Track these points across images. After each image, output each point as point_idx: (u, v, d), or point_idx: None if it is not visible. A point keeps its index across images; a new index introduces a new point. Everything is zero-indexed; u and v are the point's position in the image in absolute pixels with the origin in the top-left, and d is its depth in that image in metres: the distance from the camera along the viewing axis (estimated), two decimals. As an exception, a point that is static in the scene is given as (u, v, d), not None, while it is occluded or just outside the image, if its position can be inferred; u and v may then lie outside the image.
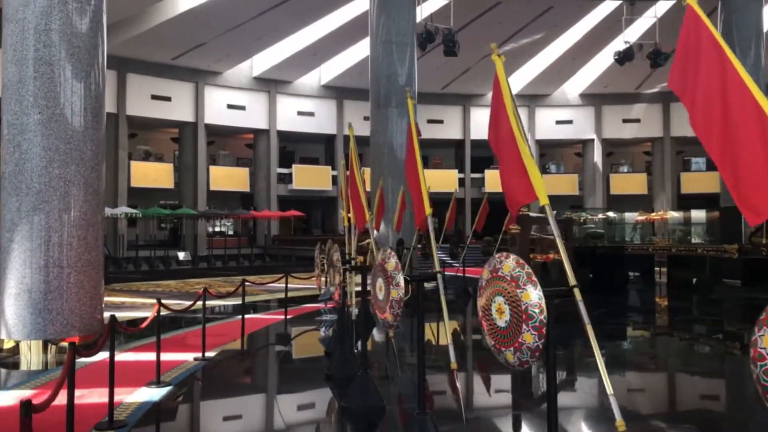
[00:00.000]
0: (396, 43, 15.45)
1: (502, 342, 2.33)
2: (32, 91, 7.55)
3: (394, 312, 2.95)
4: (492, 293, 2.41)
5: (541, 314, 2.19)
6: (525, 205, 2.64)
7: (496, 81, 2.86)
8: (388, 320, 2.99)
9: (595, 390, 5.82)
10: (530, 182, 2.55)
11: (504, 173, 2.76)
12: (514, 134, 2.67)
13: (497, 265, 2.41)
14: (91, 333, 7.94)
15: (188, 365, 6.82)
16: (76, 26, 7.82)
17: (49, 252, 7.53)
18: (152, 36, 23.39)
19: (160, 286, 17.65)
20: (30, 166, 7.51)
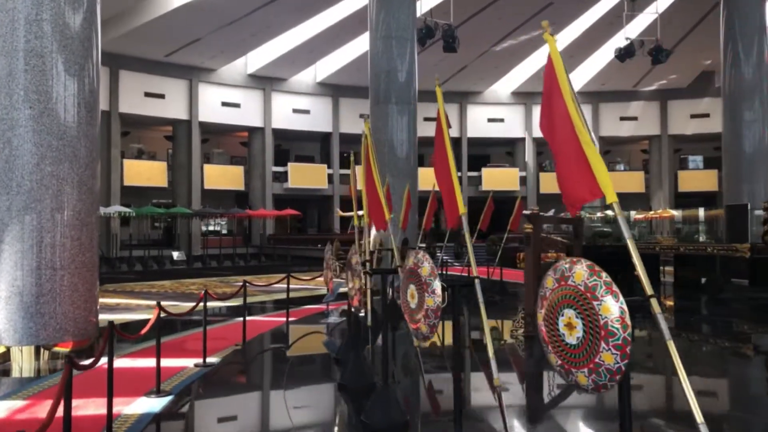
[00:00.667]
0: (396, 39, 15.13)
1: (573, 362, 2.02)
2: (23, 84, 7.19)
3: (430, 322, 2.65)
4: (559, 305, 2.11)
5: (625, 330, 1.88)
6: (582, 204, 2.34)
7: (550, 63, 2.55)
8: (423, 331, 2.69)
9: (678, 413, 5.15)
10: (594, 176, 2.24)
11: (561, 167, 2.45)
12: (572, 122, 2.37)
13: (566, 273, 2.10)
14: (85, 338, 7.61)
15: (189, 372, 6.48)
16: (68, 17, 7.47)
17: (42, 253, 7.19)
18: (145, 32, 22.96)
19: (155, 286, 17.28)
20: (21, 163, 7.16)
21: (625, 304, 1.93)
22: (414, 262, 2.82)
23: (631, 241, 2.15)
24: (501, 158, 34.21)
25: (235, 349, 7.70)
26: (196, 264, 24.23)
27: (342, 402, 4.98)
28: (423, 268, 2.71)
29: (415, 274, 2.76)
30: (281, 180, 31.02)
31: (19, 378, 6.78)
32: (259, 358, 7.81)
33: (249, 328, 8.45)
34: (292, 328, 9.53)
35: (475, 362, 6.72)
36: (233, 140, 32.83)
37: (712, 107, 32.09)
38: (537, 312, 2.26)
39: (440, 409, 5.08)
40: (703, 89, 31.95)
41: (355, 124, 31.90)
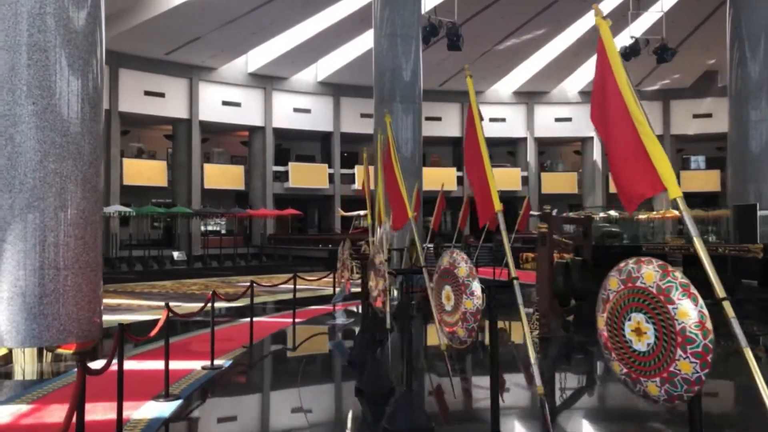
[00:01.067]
0: (401, 36, 14.96)
1: (642, 370, 1.86)
2: (26, 79, 7.01)
3: (469, 326, 2.49)
4: (625, 309, 1.95)
5: (706, 337, 1.71)
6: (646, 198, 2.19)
7: (602, 50, 2.39)
8: (459, 335, 2.53)
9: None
10: (655, 170, 2.07)
11: (616, 160, 2.28)
12: (629, 112, 2.20)
13: (633, 273, 1.93)
14: (89, 339, 7.44)
15: (196, 375, 6.32)
16: (72, 11, 7.29)
17: (45, 253, 7.02)
18: (145, 30, 22.76)
19: (156, 287, 17.10)
20: (23, 160, 6.98)
21: (705, 308, 1.77)
22: (449, 262, 2.66)
23: (699, 241, 1.99)
24: (502, 158, 34.05)
25: (243, 351, 7.53)
26: (196, 264, 24.04)
27: (360, 407, 4.79)
28: (460, 269, 2.55)
29: (452, 274, 2.60)
30: (282, 180, 30.83)
31: (21, 380, 6.61)
32: (268, 361, 7.64)
33: (255, 329, 8.29)
34: (299, 329, 9.36)
35: (512, 366, 6.48)
36: (233, 139, 32.63)
37: (714, 107, 31.97)
38: (597, 316, 2.10)
39: (469, 415, 4.90)
40: (706, 89, 31.83)
41: (356, 124, 31.75)
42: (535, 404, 4.80)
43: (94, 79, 7.54)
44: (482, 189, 2.93)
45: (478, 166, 3.03)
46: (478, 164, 3.02)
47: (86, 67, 7.41)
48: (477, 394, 5.42)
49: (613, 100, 2.40)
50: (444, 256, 2.75)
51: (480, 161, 2.97)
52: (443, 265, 2.71)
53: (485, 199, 2.94)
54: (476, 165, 3.05)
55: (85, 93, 7.39)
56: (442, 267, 2.70)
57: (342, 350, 7.29)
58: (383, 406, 4.36)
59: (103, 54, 7.84)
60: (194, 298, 13.93)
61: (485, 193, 2.93)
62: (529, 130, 33.43)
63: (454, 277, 2.60)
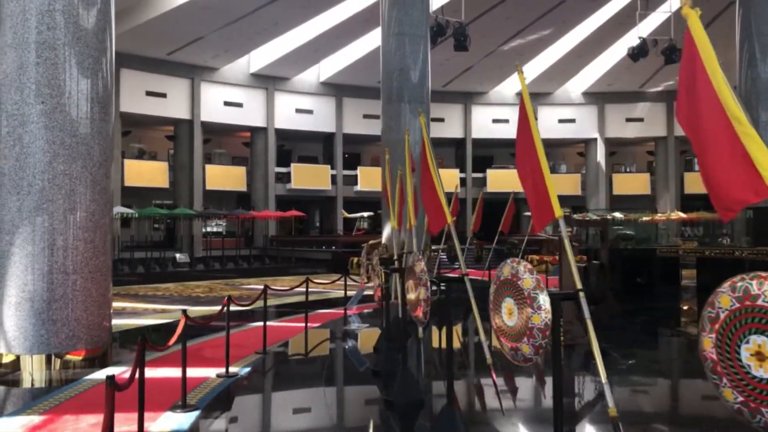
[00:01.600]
0: (409, 36, 14.76)
1: (765, 400, 1.66)
2: (34, 78, 6.82)
3: (536, 343, 2.29)
4: (741, 330, 1.76)
5: None
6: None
7: (691, 43, 2.19)
8: (525, 352, 2.33)
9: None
10: (758, 173, 1.87)
11: (711, 164, 2.08)
12: (725, 110, 2.01)
13: (753, 291, 1.72)
14: (98, 345, 7.24)
15: (212, 383, 6.11)
16: (82, 8, 7.09)
17: (53, 256, 6.82)
18: (147, 30, 22.53)
19: (159, 289, 16.89)
20: (32, 161, 6.79)
21: None
22: (511, 272, 2.46)
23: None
24: (506, 159, 33.87)
25: (257, 358, 7.32)
26: (198, 266, 23.81)
27: (391, 420, 4.56)
28: (525, 281, 2.36)
29: (515, 286, 2.41)
30: (284, 181, 30.61)
31: (30, 388, 6.41)
32: (285, 368, 7.42)
33: (268, 334, 8.05)
34: (314, 335, 9.13)
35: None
36: (235, 140, 32.41)
37: (719, 108, 31.84)
38: (700, 336, 1.90)
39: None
40: (710, 90, 31.66)
41: (358, 125, 31.56)
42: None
43: (104, 78, 7.34)
44: (542, 193, 2.78)
45: (532, 166, 2.85)
46: (534, 168, 2.83)
47: (96, 65, 7.21)
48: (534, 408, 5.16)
49: (705, 97, 2.16)
50: (504, 265, 2.56)
51: (535, 162, 2.79)
52: (504, 275, 2.51)
53: (541, 203, 2.78)
54: (531, 165, 2.87)
55: (95, 92, 7.19)
56: (501, 278, 2.50)
57: (357, 357, 7.08)
58: (414, 419, 4.14)
59: (113, 52, 7.64)
60: (200, 302, 13.73)
61: (545, 198, 2.77)
62: (532, 132, 33.24)
63: (517, 290, 2.40)
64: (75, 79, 7.01)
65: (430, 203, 3.82)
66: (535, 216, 2.87)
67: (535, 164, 2.78)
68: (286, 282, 18.84)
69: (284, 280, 19.80)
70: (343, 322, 10.05)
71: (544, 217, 2.79)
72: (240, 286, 17.51)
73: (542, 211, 2.80)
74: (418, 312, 3.43)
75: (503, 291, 2.54)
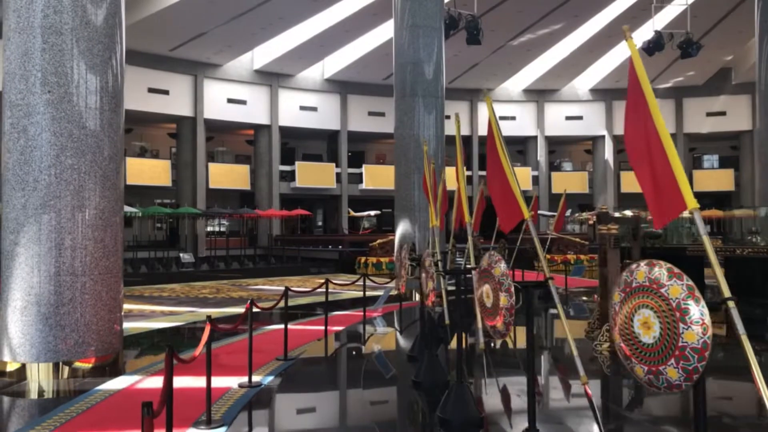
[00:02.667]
0: (423, 28, 14.27)
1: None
2: (40, 65, 6.34)
3: (690, 367, 1.81)
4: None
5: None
6: None
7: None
8: (671, 378, 1.85)
9: None
10: None
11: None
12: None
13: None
14: (109, 352, 6.77)
15: (235, 394, 5.64)
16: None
17: (61, 257, 6.35)
18: (149, 25, 22.03)
19: (165, 290, 16.43)
20: (38, 154, 6.32)
21: None
22: (649, 277, 2.00)
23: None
24: (512, 157, 33.28)
25: (280, 364, 6.84)
26: (202, 266, 23.32)
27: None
28: (672, 288, 1.89)
29: (662, 296, 1.94)
30: (288, 179, 30.13)
31: (36, 400, 5.94)
32: (311, 376, 6.94)
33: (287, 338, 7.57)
34: (336, 338, 8.66)
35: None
36: (238, 138, 31.93)
37: (728, 105, 31.44)
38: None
39: None
40: (720, 87, 31.27)
41: (363, 122, 31.11)
42: None
43: (113, 67, 6.87)
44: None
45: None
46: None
47: (106, 52, 6.73)
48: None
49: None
50: (638, 269, 2.09)
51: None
52: (639, 280, 2.05)
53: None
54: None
55: (104, 81, 6.72)
56: (635, 282, 2.06)
57: (391, 365, 6.59)
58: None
59: (124, 40, 7.16)
60: (208, 303, 13.27)
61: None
62: (539, 129, 32.81)
63: (664, 300, 1.94)
64: (84, 67, 6.53)
65: (500, 198, 3.41)
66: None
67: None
68: (294, 282, 18.38)
69: (292, 280, 19.33)
70: (367, 324, 9.58)
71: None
72: (248, 287, 17.05)
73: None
74: (496, 322, 2.98)
75: (634, 299, 2.07)
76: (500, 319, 2.97)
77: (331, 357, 7.75)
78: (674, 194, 2.30)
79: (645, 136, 2.46)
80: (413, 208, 14.20)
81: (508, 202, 3.29)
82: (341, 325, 9.43)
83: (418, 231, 14.11)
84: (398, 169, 14.80)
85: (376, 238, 22.87)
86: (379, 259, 20.87)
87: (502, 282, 2.96)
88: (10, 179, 6.37)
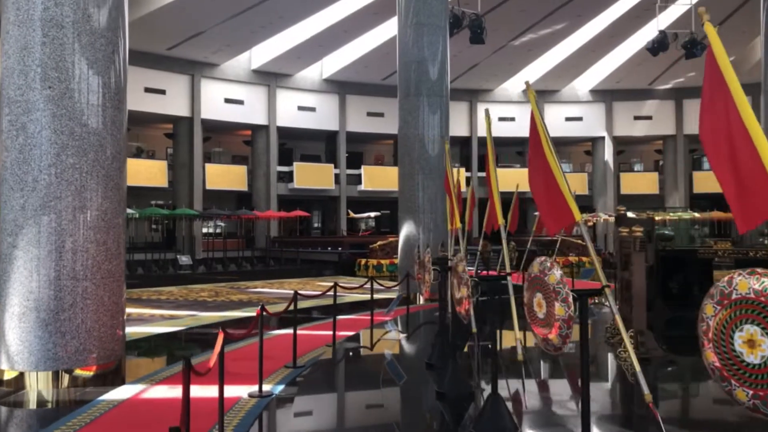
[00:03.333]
0: (428, 26, 14.03)
1: None
2: (40, 59, 6.06)
3: None
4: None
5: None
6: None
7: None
8: (757, 404, 1.62)
9: None
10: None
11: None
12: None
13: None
14: (111, 360, 6.49)
15: (245, 405, 5.37)
16: (93, -18, 6.33)
17: (62, 260, 6.07)
18: (146, 24, 21.68)
19: (162, 293, 16.11)
20: (38, 153, 6.03)
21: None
22: (757, 289, 1.75)
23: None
24: (512, 158, 33.25)
25: (289, 372, 6.57)
26: (200, 268, 22.99)
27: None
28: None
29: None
30: (285, 180, 29.81)
31: (35, 411, 5.66)
32: (325, 385, 6.66)
33: (296, 345, 7.31)
34: (346, 344, 8.38)
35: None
36: (236, 139, 31.61)
37: (728, 106, 31.29)
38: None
39: None
40: (720, 88, 31.13)
41: (362, 123, 30.85)
42: None
43: (117, 62, 6.59)
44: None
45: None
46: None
47: (109, 47, 6.46)
48: None
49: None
50: (742, 278, 1.84)
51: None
52: (741, 291, 1.81)
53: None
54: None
55: (107, 77, 6.44)
56: (733, 296, 1.82)
57: (399, 372, 6.33)
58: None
59: (127, 35, 6.88)
60: (208, 307, 12.97)
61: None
62: (538, 130, 32.59)
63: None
64: (85, 63, 6.25)
65: (545, 199, 3.17)
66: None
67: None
68: (294, 285, 18.09)
69: (291, 282, 19.05)
70: (378, 329, 9.31)
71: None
72: (247, 290, 16.75)
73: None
74: (550, 333, 2.72)
75: (738, 313, 1.83)
76: (555, 330, 2.76)
77: (342, 364, 7.47)
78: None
79: (727, 130, 2.24)
80: (417, 210, 13.94)
81: (555, 203, 3.04)
82: (350, 330, 9.16)
83: (422, 233, 13.85)
84: (402, 170, 14.53)
85: (375, 240, 22.61)
86: (380, 261, 20.61)
87: (559, 291, 2.73)
88: (8, 179, 6.09)
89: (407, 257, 13.91)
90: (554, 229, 2.47)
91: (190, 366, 3.26)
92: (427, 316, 11.05)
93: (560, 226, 2.52)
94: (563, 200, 2.80)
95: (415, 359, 7.63)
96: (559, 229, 3.08)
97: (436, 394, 5.29)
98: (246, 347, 7.79)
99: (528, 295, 2.96)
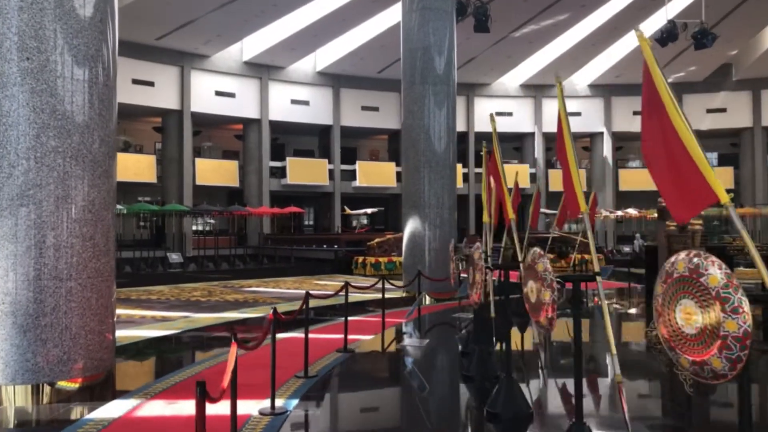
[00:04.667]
0: (434, 10, 13.33)
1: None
2: (17, 27, 5.28)
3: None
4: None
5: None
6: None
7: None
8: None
9: None
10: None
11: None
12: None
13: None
14: (99, 370, 5.73)
15: (258, 424, 4.64)
16: (78, -60, 5.55)
17: (42, 258, 5.30)
18: (133, 12, 20.73)
19: (152, 292, 15.29)
20: (14, 134, 5.25)
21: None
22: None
23: None
24: (509, 154, 32.62)
25: (301, 384, 5.84)
26: (190, 266, 22.14)
27: None
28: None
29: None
30: (278, 176, 28.99)
31: (11, 431, 4.88)
32: (345, 399, 5.92)
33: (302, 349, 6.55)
34: (360, 350, 7.63)
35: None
36: (227, 133, 30.72)
37: (729, 102, 30.91)
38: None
39: None
40: (720, 83, 30.74)
41: (356, 117, 30.11)
42: None
43: (106, 33, 5.82)
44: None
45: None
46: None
47: (96, 14, 5.68)
48: None
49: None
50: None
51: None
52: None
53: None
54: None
55: (94, 49, 5.67)
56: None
57: (419, 383, 5.61)
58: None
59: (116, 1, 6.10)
60: (201, 307, 12.18)
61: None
62: (536, 125, 32.03)
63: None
64: (70, 30, 5.47)
65: (672, 176, 2.68)
66: None
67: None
68: (289, 284, 17.34)
69: (287, 281, 18.29)
70: (390, 333, 8.57)
71: None
72: (241, 289, 15.96)
73: None
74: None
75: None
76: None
77: (357, 374, 6.72)
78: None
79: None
80: (423, 205, 13.24)
81: (687, 180, 2.51)
82: (361, 333, 8.42)
83: (428, 229, 13.16)
84: (406, 163, 13.83)
85: (372, 237, 21.87)
86: (378, 259, 19.88)
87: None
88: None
89: (413, 255, 13.23)
90: (686, 216, 2.24)
91: (204, 392, 2.52)
92: (440, 317, 10.38)
93: (695, 211, 2.23)
94: (699, 175, 2.26)
95: (442, 369, 6.90)
96: (694, 215, 2.61)
97: (462, 377, 5.53)
98: (251, 353, 7.02)
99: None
